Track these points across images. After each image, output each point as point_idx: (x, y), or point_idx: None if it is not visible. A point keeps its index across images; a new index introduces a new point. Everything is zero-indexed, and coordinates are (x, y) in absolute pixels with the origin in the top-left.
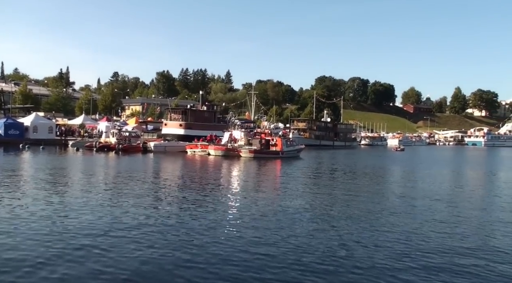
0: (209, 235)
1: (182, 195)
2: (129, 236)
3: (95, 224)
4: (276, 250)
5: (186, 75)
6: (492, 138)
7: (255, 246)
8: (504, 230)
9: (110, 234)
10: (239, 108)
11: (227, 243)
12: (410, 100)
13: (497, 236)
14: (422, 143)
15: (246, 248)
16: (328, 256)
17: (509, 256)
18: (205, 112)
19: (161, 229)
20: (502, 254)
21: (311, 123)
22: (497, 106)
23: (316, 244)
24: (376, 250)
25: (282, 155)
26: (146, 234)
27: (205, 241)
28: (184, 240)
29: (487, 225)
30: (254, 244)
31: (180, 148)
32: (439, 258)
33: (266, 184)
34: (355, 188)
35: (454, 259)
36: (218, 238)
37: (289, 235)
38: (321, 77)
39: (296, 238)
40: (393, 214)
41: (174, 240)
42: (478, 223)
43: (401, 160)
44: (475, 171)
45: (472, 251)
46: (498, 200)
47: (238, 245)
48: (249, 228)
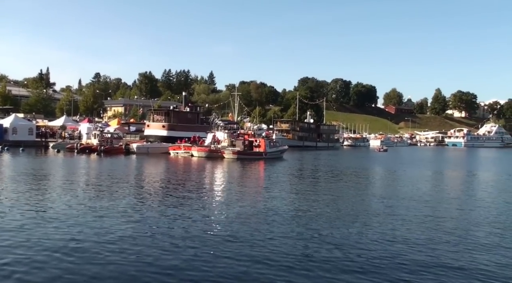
0: (191, 237)
1: (165, 197)
2: (108, 238)
3: (75, 227)
4: (258, 251)
5: (169, 76)
6: (471, 138)
7: (237, 248)
8: (484, 231)
9: (89, 237)
10: (223, 109)
11: (208, 245)
12: (391, 101)
13: (477, 235)
14: (403, 144)
15: (228, 250)
16: (309, 257)
17: (488, 256)
18: (188, 113)
19: (143, 231)
20: (483, 254)
21: (294, 124)
22: (476, 107)
23: (297, 245)
24: (356, 250)
25: (266, 156)
26: (127, 236)
27: (187, 243)
28: (165, 243)
29: (465, 223)
30: (236, 246)
31: (163, 149)
32: (421, 256)
33: (250, 185)
34: (340, 189)
35: (435, 258)
36: (199, 240)
37: (271, 236)
38: (304, 79)
39: (276, 239)
40: (376, 215)
41: (155, 242)
42: (457, 222)
43: (384, 160)
44: (456, 172)
45: (451, 248)
46: (477, 200)
47: (220, 247)
48: (231, 230)
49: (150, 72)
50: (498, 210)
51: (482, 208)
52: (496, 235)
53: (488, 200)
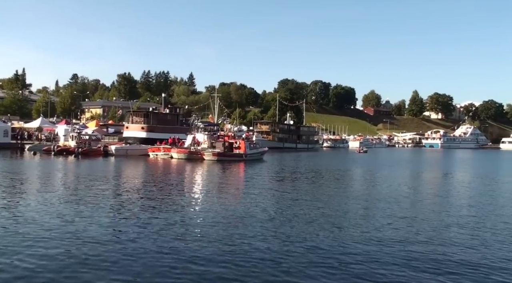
0: (168, 240)
1: (143, 200)
2: (83, 243)
3: (50, 231)
4: (239, 255)
5: (148, 77)
6: (448, 140)
7: (216, 251)
8: (458, 231)
9: (64, 241)
10: (202, 111)
11: (185, 247)
12: (370, 103)
13: (451, 234)
14: (382, 145)
15: (207, 252)
16: (283, 259)
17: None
18: (167, 114)
19: (121, 234)
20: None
21: (274, 125)
22: (452, 109)
23: (275, 246)
24: (332, 250)
25: (246, 158)
26: (105, 239)
27: (165, 246)
28: (137, 247)
29: (438, 223)
30: (214, 248)
31: (142, 151)
32: (398, 255)
33: (230, 187)
34: (320, 190)
35: (410, 258)
36: (178, 242)
37: (250, 238)
38: (284, 80)
39: (253, 240)
40: (355, 215)
41: (132, 246)
42: (431, 222)
43: (365, 162)
44: (433, 173)
45: (425, 246)
46: (453, 200)
47: (198, 249)
48: (210, 232)
49: (129, 73)
50: (473, 211)
51: (457, 209)
52: (471, 234)
53: (463, 201)
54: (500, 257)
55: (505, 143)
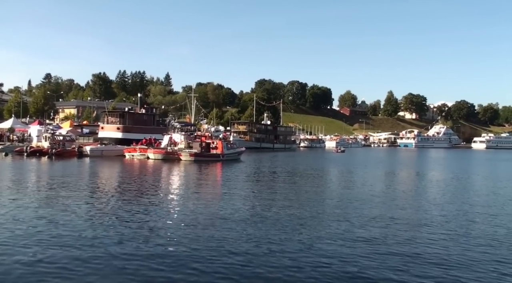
0: (144, 242)
1: (118, 201)
2: (57, 245)
3: (19, 234)
4: (215, 255)
5: (124, 77)
6: (421, 139)
7: (193, 252)
8: (429, 230)
9: (35, 243)
10: (179, 111)
11: (162, 249)
12: (346, 103)
13: (425, 233)
14: (358, 145)
15: (183, 254)
16: (267, 258)
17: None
18: (143, 115)
19: (90, 237)
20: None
21: (251, 126)
22: (426, 109)
23: (252, 247)
24: (311, 251)
25: (223, 158)
26: (78, 242)
27: (141, 249)
28: (116, 251)
29: (415, 222)
30: (191, 250)
31: (117, 152)
32: (367, 253)
33: (207, 187)
34: (298, 191)
35: (387, 255)
36: (152, 245)
37: (226, 239)
38: (261, 80)
39: (230, 241)
40: (332, 215)
41: (101, 249)
42: (405, 221)
43: (342, 161)
44: (408, 172)
45: (399, 245)
46: (424, 199)
47: (167, 253)
48: (186, 234)
49: (104, 73)
50: (442, 209)
51: (427, 207)
52: (438, 232)
53: (434, 199)
54: (466, 254)
55: (476, 143)
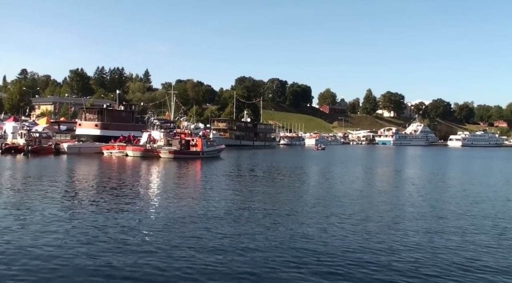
0: (121, 241)
1: (97, 199)
2: (29, 243)
3: None
4: (193, 254)
5: (102, 73)
6: (399, 137)
7: (172, 250)
8: (407, 225)
9: (11, 243)
10: (159, 108)
11: (140, 249)
12: (326, 101)
13: (402, 230)
14: (337, 142)
15: (162, 253)
16: (247, 256)
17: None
18: (122, 112)
19: (72, 235)
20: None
21: (231, 123)
22: (404, 108)
23: (228, 244)
24: (290, 248)
25: (203, 156)
26: (54, 241)
27: (118, 247)
28: (93, 249)
29: (393, 219)
30: (171, 249)
31: (95, 149)
32: (352, 253)
33: (186, 185)
34: (277, 189)
35: (363, 254)
36: (131, 244)
37: (203, 237)
38: (241, 78)
39: (207, 239)
40: (311, 213)
41: (77, 249)
42: (385, 217)
43: (323, 159)
44: (386, 169)
45: (377, 244)
46: (405, 196)
47: (153, 250)
48: (166, 232)
49: (82, 69)
50: (418, 206)
51: (403, 204)
52: (424, 227)
53: (411, 197)
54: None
55: (452, 141)
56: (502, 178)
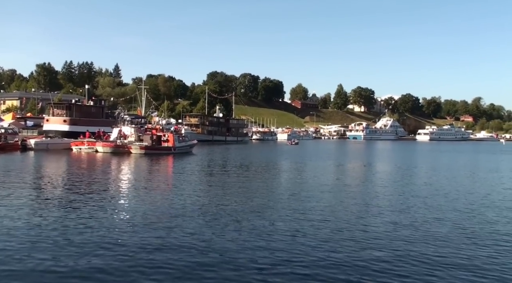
0: (90, 239)
1: (63, 197)
2: None
3: None
4: (165, 253)
5: (71, 68)
6: (370, 132)
7: (143, 249)
8: (378, 220)
9: None
10: (129, 103)
11: (109, 247)
12: (297, 96)
13: (373, 224)
14: (309, 137)
15: (134, 253)
16: (221, 254)
17: (383, 242)
18: (92, 107)
19: (37, 234)
20: (379, 241)
21: (203, 118)
22: (374, 102)
23: (206, 241)
24: (262, 245)
25: (174, 151)
26: (18, 241)
27: (86, 245)
28: (60, 249)
29: (363, 213)
30: (141, 247)
31: (64, 145)
32: (323, 249)
33: (157, 181)
34: (250, 184)
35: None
36: (100, 242)
37: (178, 234)
38: (213, 73)
39: (175, 236)
40: (283, 208)
41: (49, 247)
42: (355, 212)
43: (297, 153)
44: (358, 163)
45: (346, 241)
46: (374, 190)
47: (122, 249)
48: (136, 230)
49: (49, 63)
50: (389, 198)
51: (371, 198)
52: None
53: (379, 189)
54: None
55: (420, 135)
56: (467, 171)
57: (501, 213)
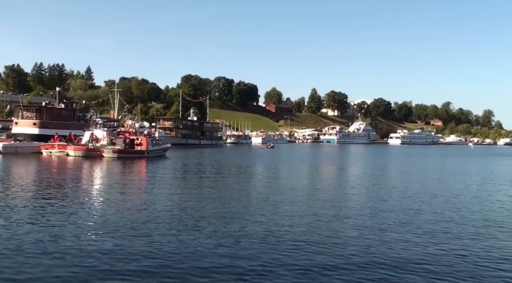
0: (53, 248)
1: (32, 202)
2: None
3: None
4: (140, 257)
5: (41, 70)
6: (343, 135)
7: (113, 254)
8: (352, 223)
9: None
10: (102, 106)
11: (80, 254)
12: (272, 100)
13: (346, 227)
14: (283, 141)
15: (96, 261)
16: (193, 257)
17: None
18: (63, 110)
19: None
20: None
21: (177, 122)
22: (347, 107)
23: (177, 245)
24: (234, 248)
25: (148, 155)
26: None
27: (46, 255)
28: (31, 255)
29: (335, 216)
30: (111, 252)
31: (34, 149)
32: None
33: (130, 186)
34: (225, 188)
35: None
36: (71, 248)
37: (150, 239)
38: (187, 76)
39: (153, 241)
40: (256, 212)
41: (9, 255)
42: (329, 215)
43: (273, 157)
44: (333, 167)
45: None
46: (345, 193)
47: (95, 254)
48: (107, 235)
49: (19, 65)
50: (359, 200)
51: (345, 200)
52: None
53: (352, 193)
54: None
55: (392, 139)
56: (438, 174)
57: (462, 215)
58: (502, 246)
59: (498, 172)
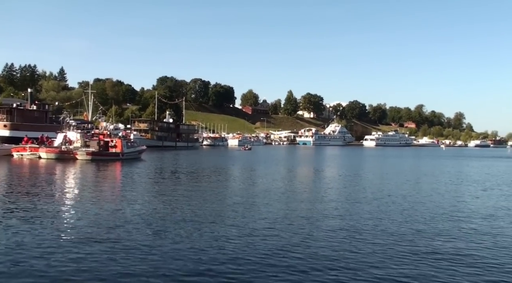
0: (33, 249)
1: (4, 206)
2: None
3: None
4: (110, 261)
5: (12, 70)
6: (319, 137)
7: (78, 263)
8: (327, 223)
9: None
10: (75, 108)
11: (44, 262)
12: (248, 102)
13: (321, 228)
14: (260, 143)
15: (77, 262)
16: (168, 260)
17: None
18: (34, 111)
19: None
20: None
21: (153, 123)
22: (323, 109)
23: (152, 249)
24: (211, 250)
25: (123, 157)
26: None
27: (14, 266)
28: None
29: (313, 217)
30: (76, 261)
31: (4, 151)
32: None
33: (104, 189)
34: (201, 191)
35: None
36: (43, 252)
37: (121, 245)
38: (163, 78)
39: (125, 247)
40: (233, 215)
41: None
42: (306, 215)
43: (250, 159)
44: (308, 169)
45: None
46: (319, 195)
47: (67, 259)
48: (74, 241)
49: None
50: (332, 202)
51: (321, 202)
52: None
53: (326, 194)
54: None
55: (367, 141)
56: (406, 176)
57: (433, 215)
58: (467, 246)
59: (466, 174)
